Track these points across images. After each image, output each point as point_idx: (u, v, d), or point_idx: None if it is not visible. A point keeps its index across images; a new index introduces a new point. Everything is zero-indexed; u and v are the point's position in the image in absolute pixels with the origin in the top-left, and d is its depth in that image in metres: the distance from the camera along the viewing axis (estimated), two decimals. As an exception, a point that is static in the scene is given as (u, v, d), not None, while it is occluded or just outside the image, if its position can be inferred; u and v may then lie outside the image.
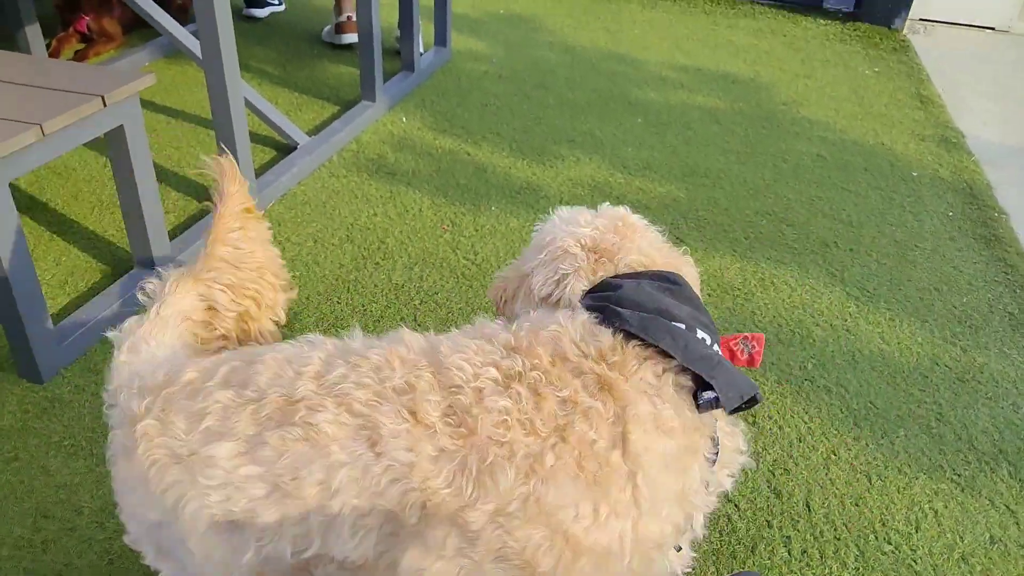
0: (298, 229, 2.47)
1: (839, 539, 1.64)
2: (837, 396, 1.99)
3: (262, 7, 4.24)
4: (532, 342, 1.01)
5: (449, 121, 3.26)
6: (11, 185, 1.69)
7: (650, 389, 0.99)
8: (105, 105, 1.85)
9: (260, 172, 2.69)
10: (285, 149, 2.91)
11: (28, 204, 2.50)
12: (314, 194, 2.68)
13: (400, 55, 3.74)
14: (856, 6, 4.85)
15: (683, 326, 1.05)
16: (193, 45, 2.81)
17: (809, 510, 1.69)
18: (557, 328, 1.03)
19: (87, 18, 3.59)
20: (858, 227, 2.70)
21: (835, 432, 1.88)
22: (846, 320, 2.25)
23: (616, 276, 1.13)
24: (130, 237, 2.09)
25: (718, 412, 1.05)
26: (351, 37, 3.92)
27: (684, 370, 1.03)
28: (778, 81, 3.87)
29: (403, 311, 2.16)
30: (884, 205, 2.85)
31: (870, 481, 1.77)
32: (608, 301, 1.07)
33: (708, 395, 1.01)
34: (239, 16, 4.12)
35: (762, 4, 5.02)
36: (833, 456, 1.82)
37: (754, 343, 1.15)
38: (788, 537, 1.63)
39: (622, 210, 1.25)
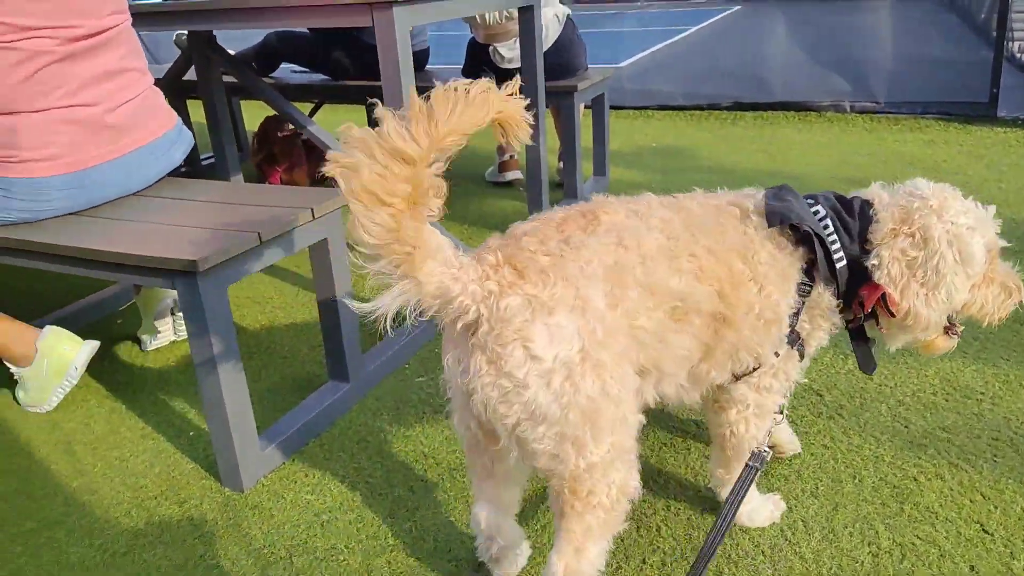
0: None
1: None
2: None
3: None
4: None
5: (617, 241, 3.23)
6: (230, 291, 1.76)
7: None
8: (314, 217, 1.93)
9: (439, 292, 2.72)
10: (460, 272, 2.95)
11: (228, 329, 2.63)
12: (492, 311, 2.66)
13: (562, 186, 3.83)
14: (1035, 111, 4.56)
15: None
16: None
17: None
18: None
19: (280, 171, 3.97)
20: (1109, 324, 2.33)
21: None
22: None
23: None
24: (326, 347, 2.12)
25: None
26: (514, 174, 4.09)
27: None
28: (965, 184, 3.58)
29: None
30: None
31: None
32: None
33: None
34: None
35: (928, 117, 4.83)
36: None
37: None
38: None
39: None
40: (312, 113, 4.63)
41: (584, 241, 1.23)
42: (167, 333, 2.48)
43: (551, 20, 3.58)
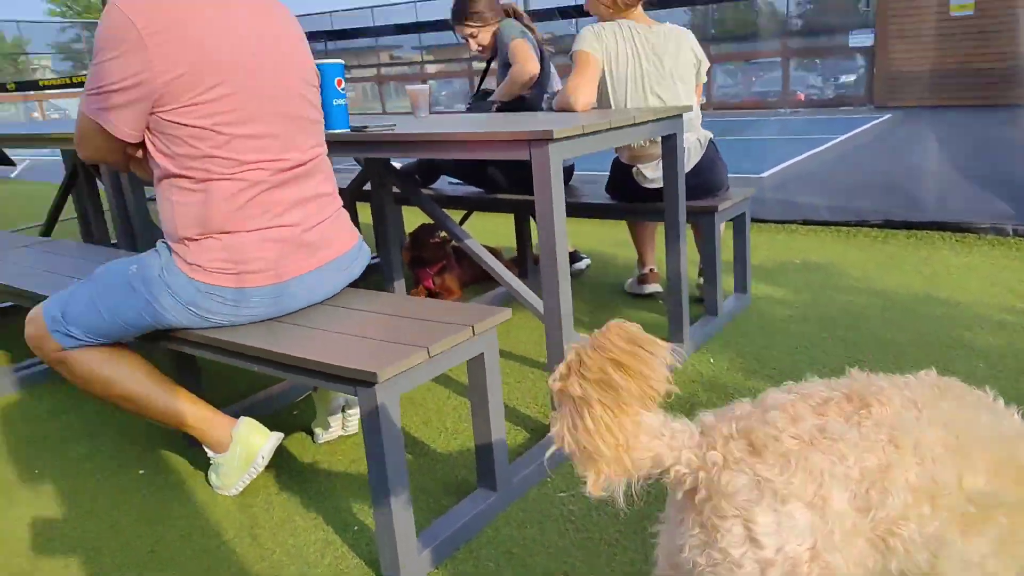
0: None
1: None
2: None
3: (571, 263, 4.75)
4: None
5: (758, 361, 3.23)
6: (401, 401, 1.95)
7: None
8: (474, 334, 2.12)
9: (581, 405, 2.83)
10: (601, 385, 3.05)
11: (385, 427, 2.85)
12: (632, 428, 2.72)
13: (702, 302, 3.88)
14: None
15: None
16: (528, 296, 3.18)
17: None
18: None
19: (431, 274, 4.29)
20: None
21: None
22: None
23: None
24: (477, 456, 2.27)
25: None
26: (653, 287, 4.19)
27: None
28: None
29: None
30: None
31: None
32: None
33: None
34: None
35: (1105, 243, 4.52)
36: None
37: None
38: None
39: None
40: (463, 221, 4.99)
41: (844, 434, 1.12)
42: (336, 428, 2.73)
43: (693, 144, 3.73)
